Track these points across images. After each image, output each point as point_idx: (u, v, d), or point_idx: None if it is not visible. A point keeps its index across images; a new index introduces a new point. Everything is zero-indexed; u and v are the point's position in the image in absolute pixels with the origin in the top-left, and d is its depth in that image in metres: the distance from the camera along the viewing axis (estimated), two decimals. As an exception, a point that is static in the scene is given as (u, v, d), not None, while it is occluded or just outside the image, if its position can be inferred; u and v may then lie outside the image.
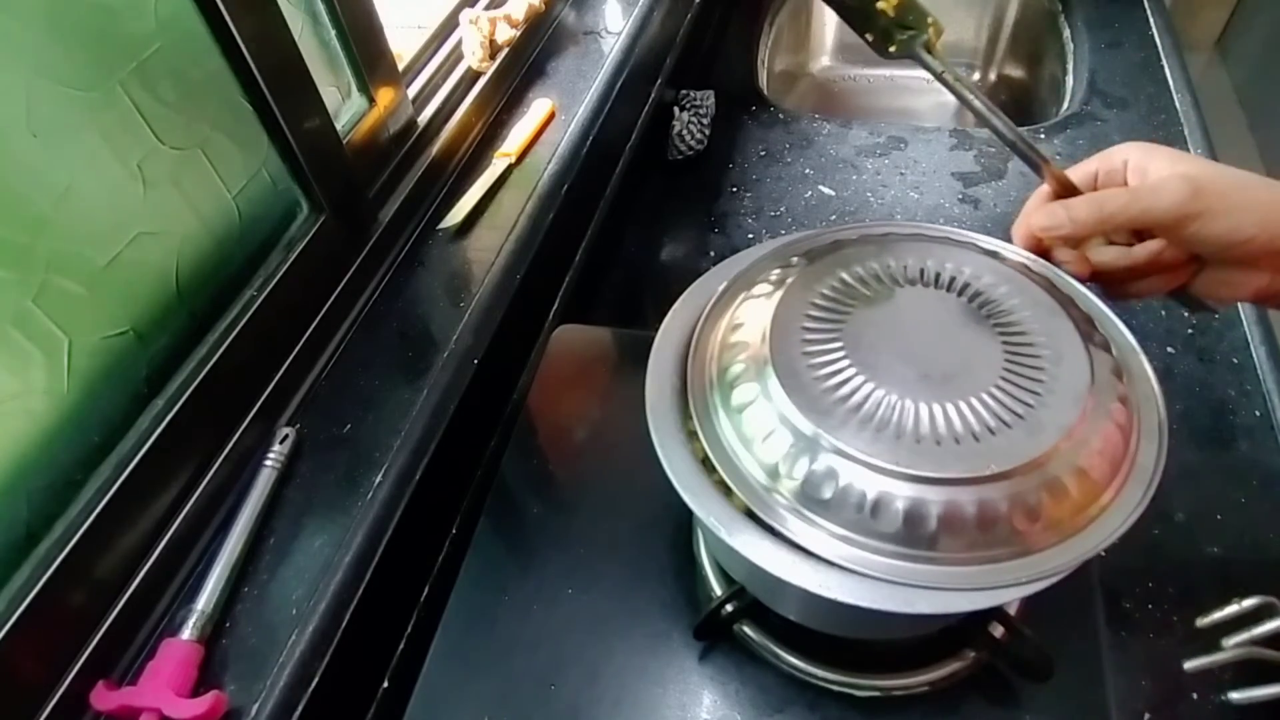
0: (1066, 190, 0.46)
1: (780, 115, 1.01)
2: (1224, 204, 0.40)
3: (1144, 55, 1.03)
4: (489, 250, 0.67)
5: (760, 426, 0.38)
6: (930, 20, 0.47)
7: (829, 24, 1.32)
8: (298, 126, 0.55)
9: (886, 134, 0.95)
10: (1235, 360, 0.67)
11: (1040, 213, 0.45)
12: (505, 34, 0.81)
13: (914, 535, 0.35)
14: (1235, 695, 0.50)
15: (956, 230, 0.47)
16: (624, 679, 0.48)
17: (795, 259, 0.46)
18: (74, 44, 0.41)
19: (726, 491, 0.38)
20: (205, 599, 0.46)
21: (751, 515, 0.37)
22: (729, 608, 0.47)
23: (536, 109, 0.80)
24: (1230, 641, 0.50)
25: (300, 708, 0.43)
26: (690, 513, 0.38)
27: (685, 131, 0.93)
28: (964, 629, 0.46)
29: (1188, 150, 0.86)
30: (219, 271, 0.52)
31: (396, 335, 0.61)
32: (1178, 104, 0.93)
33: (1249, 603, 0.51)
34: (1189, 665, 0.50)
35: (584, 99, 0.83)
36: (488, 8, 0.82)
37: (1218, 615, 0.52)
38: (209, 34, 0.48)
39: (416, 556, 0.56)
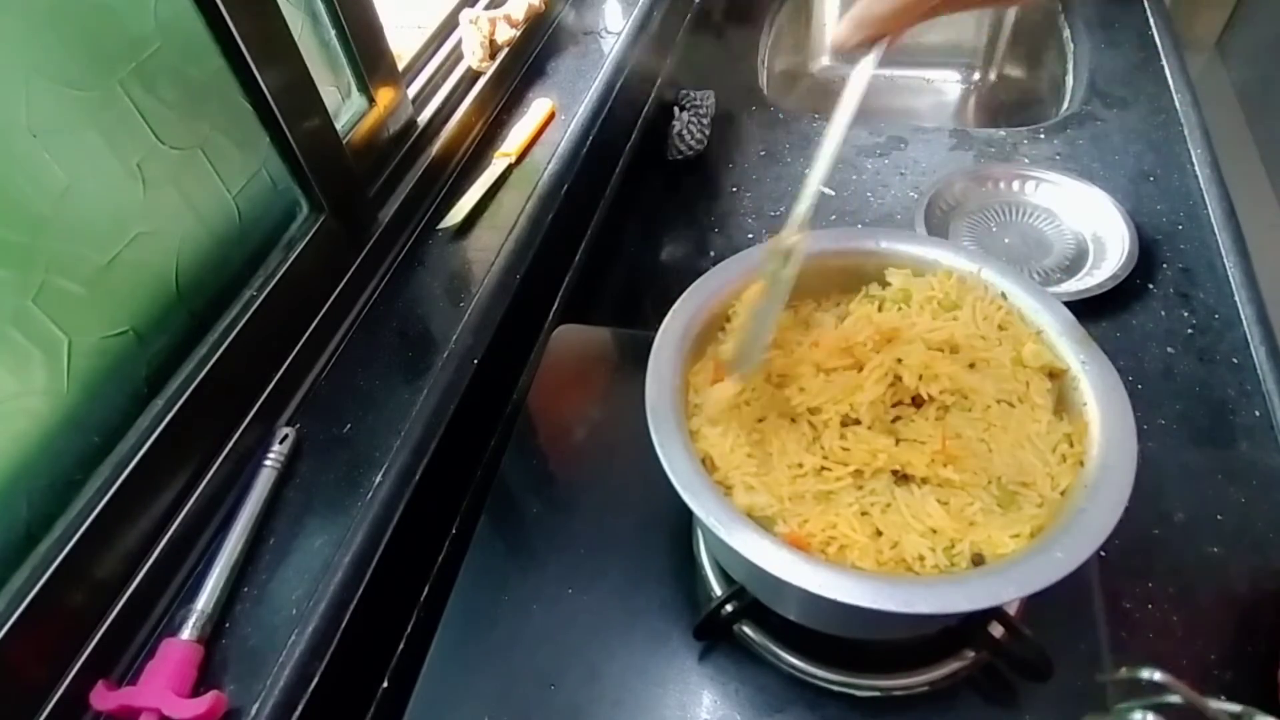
0: None
1: (780, 115, 1.01)
2: None
3: (1144, 55, 1.03)
4: (489, 250, 0.67)
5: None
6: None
7: (829, 24, 1.32)
8: (298, 126, 0.55)
9: (886, 134, 0.95)
10: (1235, 360, 0.67)
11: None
12: (505, 34, 0.81)
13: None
14: None
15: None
16: (624, 679, 0.48)
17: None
18: (74, 44, 0.41)
19: (726, 491, 0.38)
20: (205, 599, 0.46)
21: (751, 515, 0.37)
22: (729, 608, 0.46)
23: (536, 109, 0.80)
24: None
25: (300, 708, 0.43)
26: (690, 513, 0.38)
27: (685, 131, 0.93)
28: (964, 629, 0.46)
29: (1188, 151, 0.86)
30: (219, 271, 0.52)
31: (396, 335, 0.61)
32: (1178, 104, 0.93)
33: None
34: None
35: (584, 99, 0.83)
36: (488, 8, 0.82)
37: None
38: (209, 34, 0.48)
39: (416, 556, 0.56)
